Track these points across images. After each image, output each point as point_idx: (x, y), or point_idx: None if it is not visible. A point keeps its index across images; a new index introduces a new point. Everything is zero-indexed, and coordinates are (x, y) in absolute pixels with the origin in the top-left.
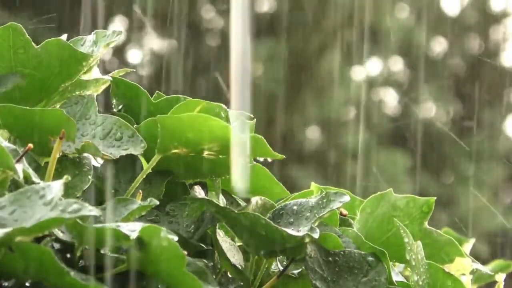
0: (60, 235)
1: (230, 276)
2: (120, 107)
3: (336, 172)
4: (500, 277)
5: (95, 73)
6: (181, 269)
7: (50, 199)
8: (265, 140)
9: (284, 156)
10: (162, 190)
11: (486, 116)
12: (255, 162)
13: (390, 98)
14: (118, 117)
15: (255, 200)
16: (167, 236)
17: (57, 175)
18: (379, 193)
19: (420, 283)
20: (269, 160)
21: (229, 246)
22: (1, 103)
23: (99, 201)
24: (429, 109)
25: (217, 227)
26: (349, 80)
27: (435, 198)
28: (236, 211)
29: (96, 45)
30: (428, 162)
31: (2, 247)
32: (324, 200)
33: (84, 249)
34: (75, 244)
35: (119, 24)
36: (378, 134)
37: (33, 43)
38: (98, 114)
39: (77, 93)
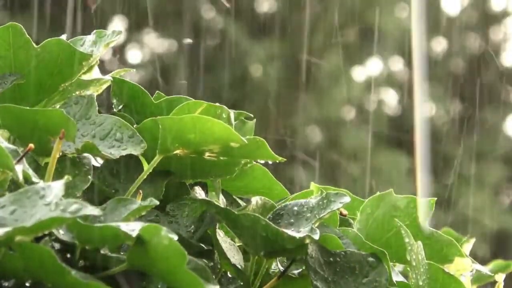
0: (60, 235)
1: (230, 276)
2: (120, 107)
3: (336, 172)
4: (500, 277)
5: (95, 73)
6: (182, 268)
7: (50, 199)
8: (266, 143)
9: (285, 159)
10: (162, 190)
11: (486, 116)
12: (255, 162)
13: (390, 98)
14: (118, 117)
15: (255, 200)
16: (168, 235)
17: (57, 175)
18: (379, 193)
19: (420, 283)
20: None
21: (229, 246)
22: (1, 103)
23: (99, 201)
24: (429, 109)
25: (217, 227)
26: (349, 80)
27: (436, 198)
28: (236, 212)
29: (96, 45)
30: (428, 162)
31: (2, 247)
32: (325, 201)
33: (84, 249)
34: (75, 244)
35: (119, 23)
36: (378, 134)
37: (33, 43)
38: (98, 114)
39: (77, 93)
